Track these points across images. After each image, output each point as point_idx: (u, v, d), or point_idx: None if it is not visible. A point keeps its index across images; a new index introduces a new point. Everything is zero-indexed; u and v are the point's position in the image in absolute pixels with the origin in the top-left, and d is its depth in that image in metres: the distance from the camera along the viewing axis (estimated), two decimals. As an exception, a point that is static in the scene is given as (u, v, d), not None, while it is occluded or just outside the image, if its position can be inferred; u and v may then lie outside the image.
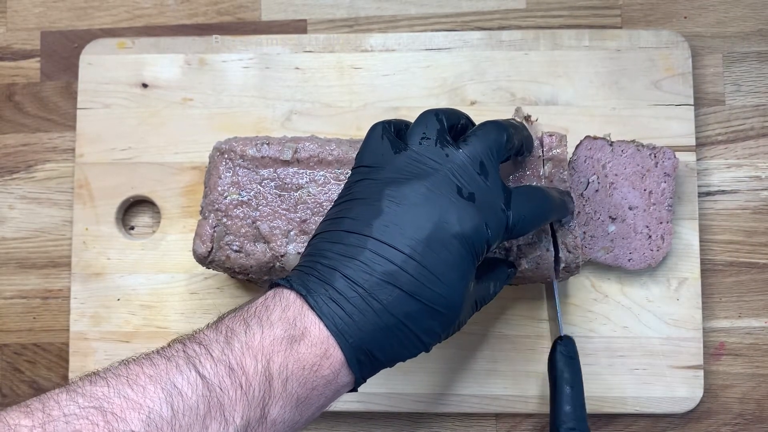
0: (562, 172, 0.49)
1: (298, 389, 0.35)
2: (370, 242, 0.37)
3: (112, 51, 0.61)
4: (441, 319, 0.38)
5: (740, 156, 0.59)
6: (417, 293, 0.37)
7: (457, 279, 0.38)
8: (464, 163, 0.40)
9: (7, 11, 0.64)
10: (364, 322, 0.36)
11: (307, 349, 0.36)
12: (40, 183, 0.62)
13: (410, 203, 0.38)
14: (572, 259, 0.49)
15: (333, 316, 0.36)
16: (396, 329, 0.37)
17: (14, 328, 0.61)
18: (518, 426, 0.58)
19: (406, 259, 0.37)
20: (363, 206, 0.39)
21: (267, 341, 0.35)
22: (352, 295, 0.36)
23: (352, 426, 0.59)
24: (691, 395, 0.56)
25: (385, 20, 0.62)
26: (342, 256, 0.37)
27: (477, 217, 0.39)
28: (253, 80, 0.60)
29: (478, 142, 0.41)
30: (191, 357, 0.34)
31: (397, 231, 0.37)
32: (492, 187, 0.40)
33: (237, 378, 0.34)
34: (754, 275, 0.58)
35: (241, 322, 0.36)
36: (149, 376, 0.33)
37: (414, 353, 0.39)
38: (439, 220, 0.38)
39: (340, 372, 0.36)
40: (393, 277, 0.36)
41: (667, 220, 0.55)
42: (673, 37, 0.58)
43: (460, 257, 0.38)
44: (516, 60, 0.59)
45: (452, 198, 0.39)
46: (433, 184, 0.39)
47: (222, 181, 0.51)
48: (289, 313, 0.36)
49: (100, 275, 0.59)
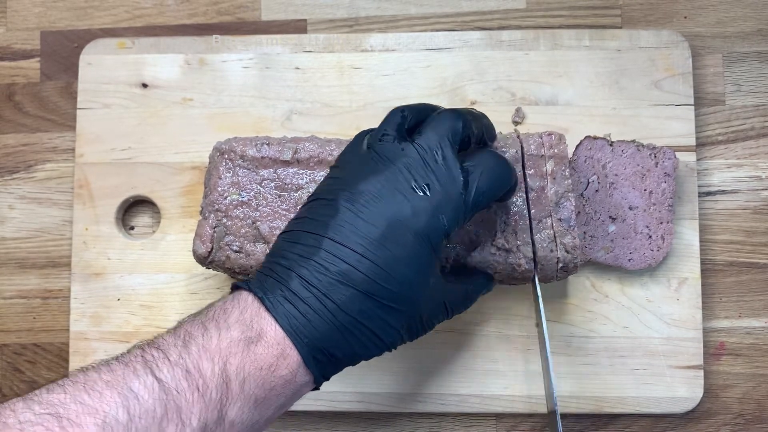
0: (563, 170, 0.49)
1: (256, 390, 0.36)
2: (325, 242, 0.38)
3: (112, 51, 0.61)
4: (398, 317, 0.39)
5: (740, 156, 0.59)
6: (371, 291, 0.37)
7: (412, 275, 0.38)
8: (418, 155, 0.40)
9: (7, 11, 0.64)
10: (319, 322, 0.37)
11: (264, 350, 0.36)
12: (40, 183, 0.62)
13: (365, 201, 0.39)
14: (570, 259, 0.49)
15: (288, 316, 0.37)
16: (352, 328, 0.37)
17: (14, 328, 0.61)
18: (518, 426, 0.58)
19: (360, 258, 0.37)
20: (322, 206, 0.40)
21: (224, 343, 0.36)
22: (307, 296, 0.37)
23: (352, 426, 0.59)
24: (691, 395, 0.56)
25: (385, 20, 0.62)
26: (299, 256, 0.38)
27: (431, 210, 0.39)
28: (253, 80, 0.60)
29: (432, 132, 0.41)
30: (149, 362, 0.34)
31: (351, 230, 0.38)
32: (448, 175, 0.40)
33: (194, 381, 0.34)
34: (754, 275, 0.58)
35: (199, 326, 0.37)
36: (106, 381, 0.33)
37: (375, 351, 0.39)
38: (392, 217, 0.38)
39: (297, 371, 0.37)
40: (347, 276, 0.37)
41: (667, 220, 0.55)
42: (673, 37, 0.58)
43: (415, 252, 0.38)
44: (516, 60, 0.59)
45: (406, 193, 0.39)
46: (387, 180, 0.39)
47: (222, 181, 0.51)
48: (246, 315, 0.37)
49: (100, 275, 0.59)
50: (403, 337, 0.41)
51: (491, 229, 0.48)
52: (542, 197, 0.49)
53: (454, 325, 0.57)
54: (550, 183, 0.49)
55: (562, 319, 0.57)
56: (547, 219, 0.49)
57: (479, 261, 0.48)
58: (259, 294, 0.38)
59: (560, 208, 0.49)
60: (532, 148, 0.49)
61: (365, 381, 0.57)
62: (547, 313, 0.57)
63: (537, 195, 0.49)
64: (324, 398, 0.57)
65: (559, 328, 0.57)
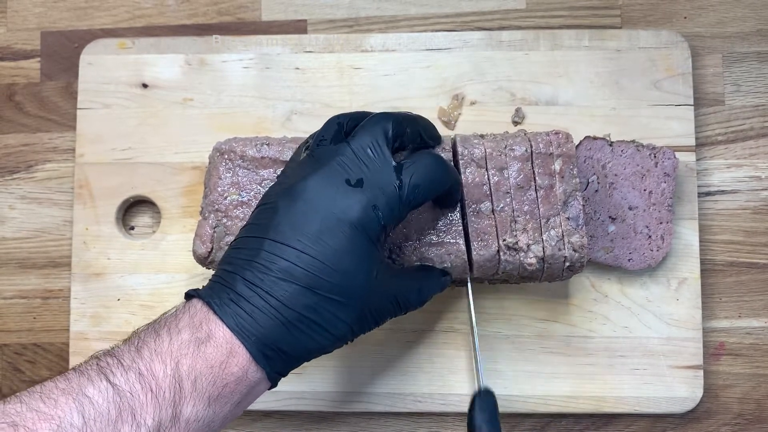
0: (572, 169, 0.49)
1: (209, 387, 0.37)
2: (266, 243, 0.39)
3: (113, 51, 0.61)
4: (345, 309, 0.40)
5: (740, 156, 0.59)
6: (313, 285, 0.39)
7: (353, 267, 0.39)
8: (352, 153, 0.42)
9: (8, 11, 0.64)
10: (264, 319, 0.38)
11: (214, 349, 0.38)
12: (41, 183, 0.62)
13: (301, 200, 0.40)
14: (577, 258, 0.49)
15: (235, 316, 0.38)
16: (298, 322, 0.39)
17: (14, 328, 0.61)
18: (518, 426, 0.58)
19: (299, 254, 0.39)
20: (263, 211, 0.42)
21: (175, 346, 0.37)
22: (251, 295, 0.38)
23: (352, 426, 0.59)
24: (691, 395, 0.56)
25: (385, 20, 0.62)
26: (243, 260, 0.40)
27: (365, 202, 0.40)
28: (253, 80, 0.60)
29: (364, 132, 0.43)
30: (103, 368, 0.36)
31: (289, 228, 0.40)
32: (381, 169, 0.42)
33: (147, 382, 0.36)
34: (754, 275, 0.58)
35: (151, 332, 0.39)
36: (62, 389, 0.35)
37: (326, 344, 0.40)
38: (328, 211, 0.40)
39: (248, 368, 0.38)
40: (288, 272, 0.39)
41: (667, 220, 0.55)
42: (673, 37, 0.58)
43: (353, 244, 0.40)
44: (516, 60, 0.59)
45: (340, 188, 0.41)
46: (321, 177, 0.41)
47: (222, 181, 0.51)
48: (196, 319, 0.39)
49: (101, 275, 0.59)
50: (354, 329, 0.42)
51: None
52: (550, 196, 0.49)
53: (454, 325, 0.57)
54: (558, 182, 0.49)
55: (562, 319, 0.57)
56: (555, 218, 0.49)
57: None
58: (207, 299, 0.39)
59: (568, 207, 0.49)
60: (540, 147, 0.49)
61: (365, 381, 0.57)
62: (548, 313, 0.57)
63: (545, 193, 0.49)
64: (324, 398, 0.57)
65: (559, 328, 0.57)
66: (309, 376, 0.57)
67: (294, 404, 0.57)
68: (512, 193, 0.49)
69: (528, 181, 0.49)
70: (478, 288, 0.57)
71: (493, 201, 0.49)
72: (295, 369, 0.41)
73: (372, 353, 0.57)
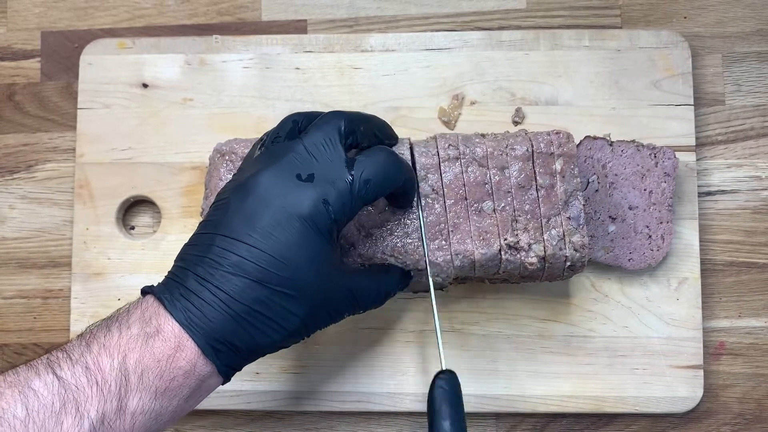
0: (572, 168, 0.49)
1: (156, 381, 0.38)
2: (217, 239, 0.40)
3: (113, 51, 0.61)
4: (297, 303, 0.40)
5: (740, 156, 0.59)
6: (263, 279, 0.39)
7: (304, 261, 0.40)
8: (304, 148, 0.42)
9: (8, 11, 0.64)
10: (214, 313, 0.39)
11: (162, 343, 0.38)
12: (41, 183, 0.62)
13: (253, 195, 0.41)
14: (578, 258, 0.49)
15: (184, 311, 0.39)
16: (249, 316, 0.39)
17: (14, 328, 0.61)
18: (518, 426, 0.58)
19: (249, 248, 0.39)
20: (217, 208, 0.42)
21: (123, 340, 0.38)
22: (201, 290, 0.39)
23: (352, 425, 0.59)
24: (691, 395, 0.56)
25: (385, 20, 0.62)
26: (195, 256, 0.40)
27: (315, 196, 0.41)
28: (253, 80, 0.60)
29: (316, 129, 0.44)
30: (52, 362, 0.37)
31: (240, 223, 0.40)
32: (332, 165, 0.42)
33: (93, 376, 0.37)
34: (754, 275, 0.58)
35: (103, 328, 0.39)
36: (9, 382, 0.36)
37: (279, 339, 0.41)
38: (278, 206, 0.40)
39: (197, 362, 0.39)
40: (238, 267, 0.39)
41: (667, 220, 0.55)
42: (673, 37, 0.58)
43: (303, 238, 0.40)
44: (516, 60, 0.59)
45: (290, 183, 0.41)
46: (273, 173, 0.41)
47: (223, 182, 0.51)
48: (146, 315, 0.39)
49: (101, 275, 0.59)
50: (307, 324, 0.42)
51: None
52: (551, 195, 0.49)
53: (454, 325, 0.57)
54: (559, 181, 0.49)
55: (562, 319, 0.57)
56: (556, 217, 0.49)
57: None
58: (159, 294, 0.40)
59: (569, 206, 0.49)
60: (541, 146, 0.49)
61: (364, 381, 0.57)
62: (548, 312, 0.57)
63: (546, 193, 0.49)
64: (324, 398, 0.57)
65: (559, 328, 0.57)
66: (309, 375, 0.57)
67: (294, 404, 0.57)
68: (513, 193, 0.49)
69: (529, 180, 0.49)
70: (479, 288, 0.57)
71: (495, 200, 0.49)
72: (250, 363, 0.41)
73: (371, 354, 0.57)
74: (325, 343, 0.58)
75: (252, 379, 0.58)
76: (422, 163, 0.49)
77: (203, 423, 0.59)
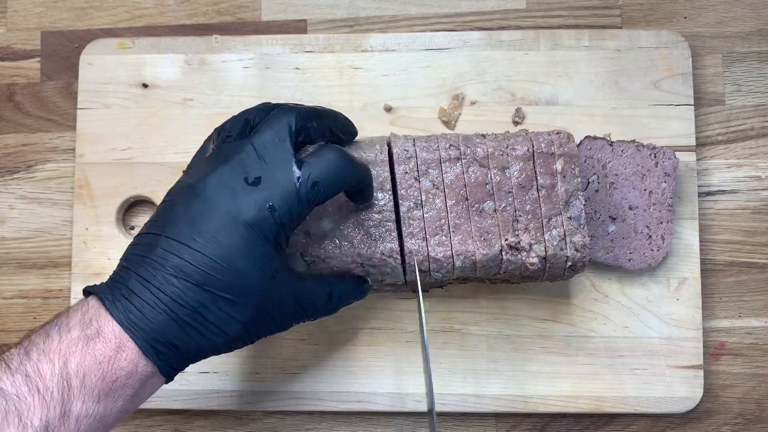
0: (573, 168, 0.49)
1: (98, 383, 0.38)
2: (161, 240, 0.40)
3: (113, 51, 0.61)
4: (236, 308, 0.40)
5: (740, 156, 0.59)
6: (205, 283, 0.39)
7: (247, 266, 0.39)
8: (252, 150, 0.42)
9: (8, 11, 0.64)
10: (154, 314, 0.38)
11: (102, 345, 0.38)
12: (41, 183, 0.62)
13: (200, 198, 0.40)
14: (579, 258, 0.49)
15: (125, 311, 0.39)
16: (190, 319, 0.39)
17: (14, 328, 0.61)
18: (518, 426, 0.58)
19: (192, 252, 0.39)
20: (165, 208, 0.42)
21: (63, 344, 0.38)
22: (143, 291, 0.39)
23: (352, 425, 0.59)
24: (691, 395, 0.56)
25: (385, 20, 0.62)
26: (138, 256, 0.40)
27: (261, 201, 0.40)
28: (253, 80, 0.60)
29: (266, 128, 0.43)
30: None
31: (185, 226, 0.40)
32: (280, 167, 0.41)
33: (34, 383, 0.36)
34: (754, 275, 0.58)
35: (42, 333, 0.39)
36: None
37: (221, 343, 0.40)
38: (224, 211, 0.40)
39: (138, 362, 0.39)
40: (181, 270, 0.39)
41: (667, 220, 0.55)
42: (673, 37, 0.58)
43: (248, 244, 0.40)
44: (516, 60, 0.59)
45: (238, 186, 0.41)
46: (221, 176, 0.41)
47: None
48: (87, 317, 0.39)
49: (101, 275, 0.59)
50: (250, 330, 0.41)
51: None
52: (552, 195, 0.49)
53: (454, 325, 0.57)
54: (560, 182, 0.49)
55: (562, 319, 0.57)
56: (557, 217, 0.49)
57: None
58: (100, 295, 0.39)
59: (570, 206, 0.49)
60: (542, 146, 0.49)
61: (364, 381, 0.57)
62: (548, 312, 0.57)
63: (547, 193, 0.49)
64: (324, 398, 0.57)
65: (559, 328, 0.57)
66: (309, 375, 0.57)
67: (293, 404, 0.57)
68: (514, 193, 0.49)
69: (530, 180, 0.49)
70: (479, 288, 0.57)
71: (495, 200, 0.49)
72: (193, 364, 0.41)
73: (371, 354, 0.57)
74: (325, 343, 0.58)
75: (252, 379, 0.58)
76: (423, 158, 0.49)
77: (203, 423, 0.59)
